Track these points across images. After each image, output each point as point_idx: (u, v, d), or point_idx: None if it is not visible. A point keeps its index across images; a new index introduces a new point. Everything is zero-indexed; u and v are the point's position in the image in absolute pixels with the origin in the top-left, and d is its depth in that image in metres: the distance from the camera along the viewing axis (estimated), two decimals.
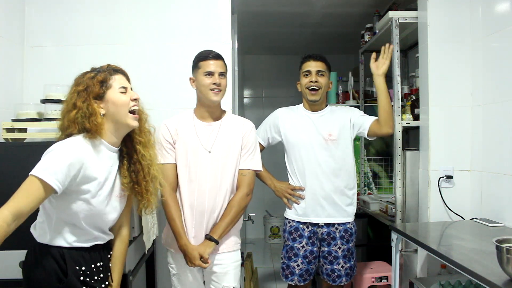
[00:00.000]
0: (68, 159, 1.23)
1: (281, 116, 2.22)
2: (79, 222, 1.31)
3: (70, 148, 1.26)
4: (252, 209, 4.03)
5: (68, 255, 1.30)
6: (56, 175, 1.19)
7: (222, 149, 1.81)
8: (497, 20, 2.03)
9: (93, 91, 1.33)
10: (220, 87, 1.79)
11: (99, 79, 1.35)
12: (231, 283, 1.83)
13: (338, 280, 2.14)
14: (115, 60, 2.43)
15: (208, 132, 1.83)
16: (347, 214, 2.14)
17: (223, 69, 1.82)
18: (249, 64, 4.98)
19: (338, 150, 2.12)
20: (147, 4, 2.38)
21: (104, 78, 1.36)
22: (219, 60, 1.82)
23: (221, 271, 1.81)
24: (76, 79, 1.38)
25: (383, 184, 3.39)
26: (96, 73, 1.37)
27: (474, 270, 1.37)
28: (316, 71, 2.12)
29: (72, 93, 1.35)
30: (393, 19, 2.40)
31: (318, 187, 2.11)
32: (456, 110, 2.25)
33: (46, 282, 1.27)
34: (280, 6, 3.25)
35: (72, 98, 1.34)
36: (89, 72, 1.38)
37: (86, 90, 1.33)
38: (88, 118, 1.31)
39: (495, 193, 2.06)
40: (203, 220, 1.77)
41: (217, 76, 1.78)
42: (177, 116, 1.89)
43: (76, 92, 1.34)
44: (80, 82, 1.36)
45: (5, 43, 2.15)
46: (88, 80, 1.35)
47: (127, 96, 1.39)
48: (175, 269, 1.83)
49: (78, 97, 1.33)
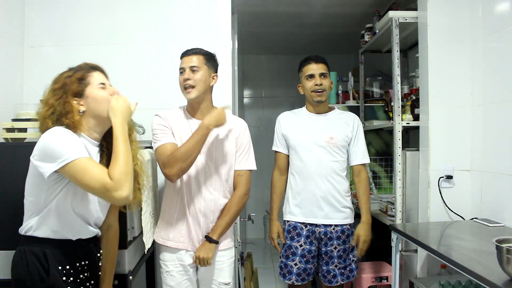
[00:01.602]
0: (73, 137, 1.28)
1: (282, 121, 2.24)
2: (69, 209, 1.32)
3: (65, 130, 1.29)
4: (252, 209, 4.03)
5: (51, 254, 1.31)
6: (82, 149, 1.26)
7: (214, 147, 1.81)
8: (497, 20, 2.03)
9: (71, 89, 1.35)
10: (190, 83, 1.75)
11: (77, 77, 1.36)
12: (226, 279, 1.86)
13: (334, 280, 2.14)
14: (115, 60, 2.45)
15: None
16: (345, 216, 2.15)
17: (195, 63, 1.77)
18: (249, 64, 4.98)
19: (338, 152, 2.13)
20: (147, 4, 2.38)
21: (82, 75, 1.37)
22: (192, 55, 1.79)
23: (217, 267, 1.83)
24: (54, 79, 1.39)
25: (383, 184, 3.39)
26: (73, 72, 1.38)
27: (474, 270, 1.37)
28: (319, 73, 2.13)
29: (48, 92, 1.37)
30: (393, 19, 2.40)
31: (317, 188, 2.11)
32: (456, 110, 2.25)
33: (30, 282, 1.29)
34: (280, 6, 3.26)
35: (48, 97, 1.36)
36: (66, 72, 1.40)
37: (64, 88, 1.35)
38: (65, 115, 1.32)
39: (495, 193, 2.06)
40: (199, 220, 1.78)
41: (188, 71, 1.76)
42: (169, 111, 1.85)
43: (52, 90, 1.36)
44: (57, 81, 1.37)
45: (5, 43, 2.15)
46: (65, 79, 1.36)
47: (106, 91, 1.40)
48: (168, 266, 1.82)
49: (53, 95, 1.35)
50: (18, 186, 1.40)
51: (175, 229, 1.80)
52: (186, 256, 1.80)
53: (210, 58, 1.83)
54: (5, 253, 1.58)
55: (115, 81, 2.28)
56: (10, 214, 1.58)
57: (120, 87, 2.27)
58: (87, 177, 1.21)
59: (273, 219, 2.23)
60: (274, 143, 2.27)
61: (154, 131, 1.79)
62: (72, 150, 1.23)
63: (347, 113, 2.25)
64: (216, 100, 1.92)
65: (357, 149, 2.18)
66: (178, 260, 1.79)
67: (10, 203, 1.60)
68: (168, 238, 1.81)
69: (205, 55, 1.81)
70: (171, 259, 1.81)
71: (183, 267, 1.80)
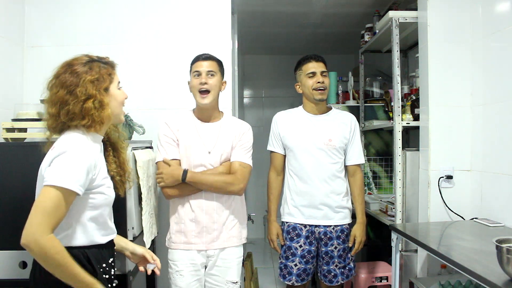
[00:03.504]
0: (85, 163, 1.21)
1: (279, 121, 2.22)
2: (101, 215, 1.30)
3: (83, 151, 1.23)
4: (252, 209, 4.03)
5: (91, 254, 1.27)
6: (79, 182, 1.18)
7: (222, 150, 1.84)
8: (497, 20, 2.03)
9: (105, 83, 1.30)
10: (206, 87, 1.79)
11: (108, 72, 1.32)
12: (234, 278, 1.86)
13: (334, 280, 2.14)
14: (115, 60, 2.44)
15: (209, 133, 1.84)
16: (343, 216, 2.15)
17: (213, 68, 1.81)
18: (249, 64, 4.99)
19: (337, 154, 2.14)
20: (147, 4, 2.38)
21: (110, 71, 1.34)
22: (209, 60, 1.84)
23: (225, 265, 1.84)
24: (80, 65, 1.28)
25: (383, 184, 3.39)
26: (103, 64, 1.33)
27: (474, 270, 1.37)
28: (320, 71, 2.13)
29: (83, 82, 1.25)
30: (393, 19, 2.40)
31: (316, 190, 2.11)
32: (456, 110, 2.24)
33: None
34: (280, 6, 3.25)
35: (84, 86, 1.25)
36: (95, 61, 1.32)
37: (98, 80, 1.28)
38: (98, 109, 1.26)
39: (495, 193, 2.05)
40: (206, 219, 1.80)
41: (204, 75, 1.79)
42: (177, 116, 1.90)
43: (90, 81, 1.26)
44: (89, 70, 1.28)
45: (5, 43, 2.15)
46: (100, 70, 1.30)
47: (123, 93, 1.39)
48: (178, 266, 1.82)
49: (93, 86, 1.26)
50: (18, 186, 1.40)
51: (186, 233, 1.82)
52: (198, 256, 1.81)
53: (221, 64, 1.89)
54: (5, 253, 1.58)
55: None
56: (10, 214, 1.59)
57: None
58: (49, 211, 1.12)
59: (272, 221, 2.22)
60: (270, 143, 2.25)
61: (160, 140, 1.85)
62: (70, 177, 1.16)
63: (344, 113, 2.25)
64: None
65: (353, 149, 2.18)
66: (189, 259, 1.80)
67: (10, 203, 1.61)
68: (180, 242, 1.82)
69: (218, 62, 1.87)
70: (181, 258, 1.81)
71: (193, 267, 1.80)
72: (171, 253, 1.86)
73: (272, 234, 2.21)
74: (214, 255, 1.83)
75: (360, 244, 2.16)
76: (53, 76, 1.30)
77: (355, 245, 2.15)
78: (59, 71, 1.30)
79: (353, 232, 2.16)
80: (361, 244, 2.17)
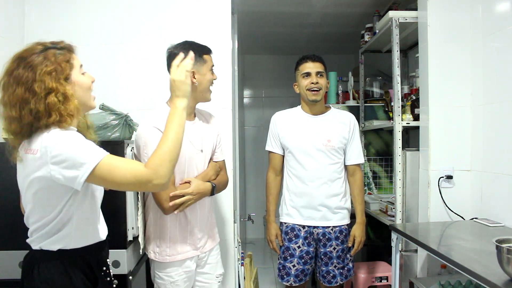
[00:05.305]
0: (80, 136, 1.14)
1: (277, 121, 2.22)
2: (98, 211, 1.29)
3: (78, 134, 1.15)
4: (252, 209, 4.04)
5: (94, 261, 1.24)
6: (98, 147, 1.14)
7: (209, 147, 1.83)
8: (497, 20, 2.03)
9: (64, 72, 1.14)
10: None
11: (66, 59, 1.17)
12: (221, 270, 1.94)
13: (333, 280, 2.14)
14: (115, 60, 2.44)
15: (195, 131, 1.77)
16: (342, 217, 2.15)
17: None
18: (249, 64, 4.98)
19: (336, 155, 2.13)
20: (147, 4, 2.37)
21: (68, 57, 1.19)
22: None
23: (213, 261, 1.89)
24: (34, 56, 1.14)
25: (383, 184, 3.39)
26: (59, 50, 1.19)
27: (474, 270, 1.37)
28: (316, 72, 2.12)
29: (39, 75, 1.11)
30: (393, 19, 2.40)
31: (316, 191, 2.11)
32: (456, 110, 2.24)
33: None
34: (280, 6, 3.25)
35: (41, 80, 1.10)
36: (50, 49, 1.17)
37: (56, 70, 1.13)
38: (63, 103, 1.12)
39: (495, 193, 2.06)
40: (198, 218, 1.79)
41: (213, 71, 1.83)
42: (158, 116, 1.65)
43: (47, 73, 1.11)
44: (44, 60, 1.13)
45: (5, 43, 2.15)
46: (56, 58, 1.15)
47: (88, 76, 1.25)
48: (173, 277, 1.76)
49: (51, 78, 1.11)
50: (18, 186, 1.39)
51: (181, 244, 1.76)
52: (191, 262, 1.79)
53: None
54: (5, 253, 1.58)
55: (115, 80, 2.30)
56: (10, 214, 1.58)
57: (120, 87, 2.30)
58: (117, 176, 1.09)
59: (271, 221, 2.22)
60: (269, 143, 2.24)
61: (147, 145, 1.61)
62: (92, 151, 1.09)
63: (343, 113, 2.25)
64: (216, 100, 1.93)
65: (353, 149, 2.17)
66: (182, 268, 1.77)
67: (10, 203, 1.60)
68: (177, 253, 1.75)
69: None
70: (176, 268, 1.76)
71: (186, 273, 1.78)
72: (163, 265, 1.76)
73: (271, 235, 2.21)
74: (206, 255, 1.85)
75: (359, 244, 2.16)
76: (5, 73, 1.14)
77: (355, 245, 2.15)
78: (11, 67, 1.14)
79: (353, 232, 2.16)
80: (361, 244, 2.17)
